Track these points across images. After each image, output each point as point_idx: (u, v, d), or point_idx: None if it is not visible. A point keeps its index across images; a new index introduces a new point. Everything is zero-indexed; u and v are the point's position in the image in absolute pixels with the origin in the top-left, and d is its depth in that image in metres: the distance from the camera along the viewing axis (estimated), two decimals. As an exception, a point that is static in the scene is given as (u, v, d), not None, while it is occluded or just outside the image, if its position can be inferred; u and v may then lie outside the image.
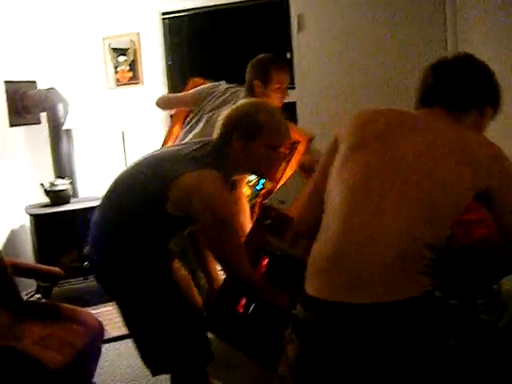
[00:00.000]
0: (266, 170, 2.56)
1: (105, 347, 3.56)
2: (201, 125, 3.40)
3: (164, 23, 5.36)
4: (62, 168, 5.31)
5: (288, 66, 3.54)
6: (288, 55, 4.89)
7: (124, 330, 4.18)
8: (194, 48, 5.38)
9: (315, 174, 2.04)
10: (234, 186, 2.61)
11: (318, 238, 1.81)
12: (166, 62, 5.40)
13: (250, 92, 3.37)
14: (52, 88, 5.27)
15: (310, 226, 1.91)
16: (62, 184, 5.06)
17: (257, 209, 3.22)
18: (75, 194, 5.32)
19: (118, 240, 2.42)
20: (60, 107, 5.26)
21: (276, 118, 2.43)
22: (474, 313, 1.81)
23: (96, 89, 5.41)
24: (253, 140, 2.38)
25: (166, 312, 2.45)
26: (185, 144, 2.61)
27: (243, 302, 2.58)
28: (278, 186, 3.04)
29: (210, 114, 3.39)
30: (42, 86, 5.28)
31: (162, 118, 5.37)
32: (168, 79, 5.42)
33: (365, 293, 1.61)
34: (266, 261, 2.59)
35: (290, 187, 2.73)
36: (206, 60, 5.33)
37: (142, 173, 2.43)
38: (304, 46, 4.92)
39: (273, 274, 2.53)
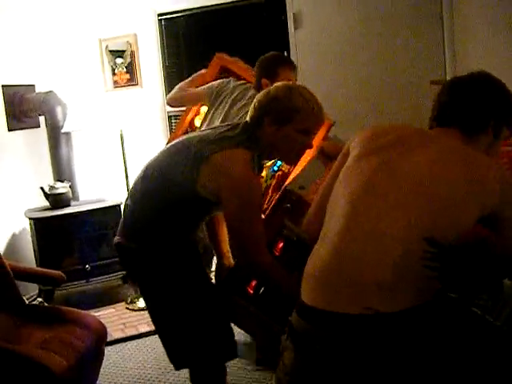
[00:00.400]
0: (295, 156, 2.54)
1: (107, 349, 3.57)
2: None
3: (160, 24, 5.36)
4: (61, 171, 5.30)
5: (294, 63, 3.54)
6: (285, 54, 4.89)
7: (127, 332, 4.26)
8: (191, 48, 5.38)
9: (324, 183, 2.04)
10: (261, 170, 2.58)
11: (316, 246, 1.81)
12: (164, 64, 5.40)
13: (259, 90, 3.37)
14: (50, 91, 5.26)
15: (317, 231, 1.89)
16: (62, 187, 5.05)
17: (271, 191, 3.22)
18: (75, 197, 5.31)
19: (154, 225, 2.42)
20: (58, 110, 5.25)
21: (311, 102, 2.35)
22: (472, 309, 1.81)
23: (94, 91, 5.42)
24: (285, 125, 2.34)
25: (195, 303, 2.47)
26: (214, 128, 2.58)
27: (253, 283, 2.57)
28: (297, 170, 3.03)
29: (222, 116, 3.42)
30: (40, 89, 5.27)
31: (160, 119, 5.38)
32: (165, 80, 5.42)
33: (359, 303, 1.61)
34: (282, 244, 2.58)
35: (310, 172, 2.73)
36: (203, 60, 5.31)
37: (172, 157, 2.43)
38: (301, 44, 4.93)
39: (287, 258, 2.52)
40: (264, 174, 3.20)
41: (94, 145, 5.51)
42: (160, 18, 5.34)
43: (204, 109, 3.71)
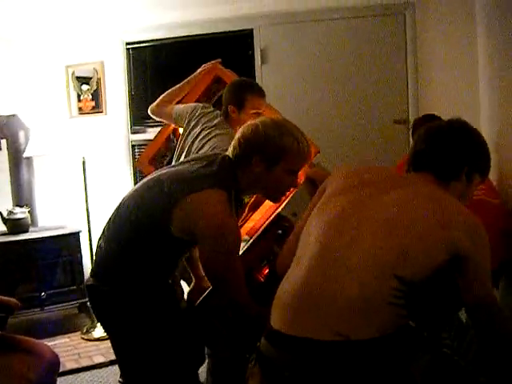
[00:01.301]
0: (279, 193, 2.43)
1: (60, 380, 3.49)
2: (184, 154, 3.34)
3: (128, 53, 5.37)
4: (21, 196, 5.24)
5: (263, 91, 3.41)
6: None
7: (81, 363, 4.17)
8: (157, 78, 5.38)
9: (302, 220, 2.05)
10: (242, 206, 2.52)
11: (287, 274, 1.82)
12: (129, 92, 5.39)
13: (226, 117, 3.32)
14: (13, 115, 5.22)
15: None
16: (21, 212, 4.99)
17: (247, 209, 3.22)
18: (34, 223, 5.24)
19: (128, 266, 2.31)
20: (21, 134, 5.21)
21: (300, 140, 2.30)
22: (440, 347, 1.84)
23: (58, 117, 5.37)
24: (275, 165, 2.27)
25: (164, 353, 2.35)
26: (190, 161, 2.47)
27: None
28: (288, 196, 3.00)
29: (190, 144, 3.32)
30: (3, 112, 5.21)
31: (124, 147, 5.35)
32: (130, 109, 5.41)
33: (330, 330, 1.61)
34: (267, 270, 2.54)
35: (303, 199, 2.73)
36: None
37: (144, 196, 2.33)
38: (267, 78, 4.97)
39: (271, 285, 2.50)
40: None
41: (56, 171, 5.45)
42: (128, 46, 5.34)
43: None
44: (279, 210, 2.92)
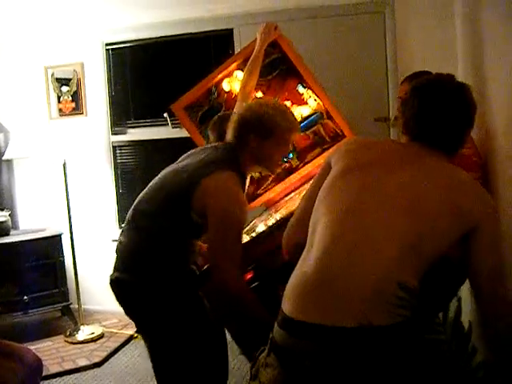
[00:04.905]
0: (276, 165, 2.67)
1: (44, 384, 3.47)
2: None
3: (108, 54, 5.34)
4: (1, 199, 5.22)
5: None
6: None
7: (64, 366, 4.16)
8: (137, 79, 5.36)
9: (305, 194, 2.05)
10: (245, 185, 2.64)
11: (302, 260, 1.79)
12: (109, 93, 5.37)
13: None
14: (-8, 118, 5.19)
15: (297, 246, 1.90)
16: (2, 215, 4.96)
17: (271, 178, 3.26)
18: (15, 226, 5.22)
19: (151, 256, 2.43)
20: (1, 137, 5.18)
21: (288, 115, 2.58)
22: (441, 354, 1.85)
23: (38, 119, 5.34)
24: (269, 138, 2.51)
25: (195, 342, 2.44)
26: (193, 155, 2.62)
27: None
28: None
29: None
30: (-19, 115, 5.18)
31: (104, 149, 5.32)
32: (111, 110, 5.38)
33: (353, 316, 1.59)
34: (250, 276, 2.56)
35: None
36: (148, 91, 5.32)
37: (165, 187, 2.49)
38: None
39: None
40: None
41: (37, 173, 5.42)
42: (107, 47, 5.31)
43: (239, 74, 3.40)
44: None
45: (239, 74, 3.33)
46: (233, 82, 3.41)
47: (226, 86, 3.40)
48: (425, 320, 1.90)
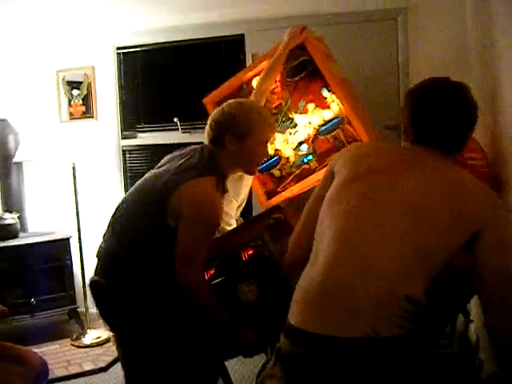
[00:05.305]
0: (255, 165, 2.70)
1: (49, 388, 3.46)
2: None
3: (119, 58, 5.34)
4: (10, 201, 5.22)
5: None
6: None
7: (70, 370, 4.15)
8: (148, 83, 5.36)
9: (310, 202, 2.03)
10: (224, 188, 2.63)
11: (307, 271, 1.78)
12: (120, 97, 5.37)
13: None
14: (3, 119, 5.19)
15: (303, 254, 1.89)
16: (11, 218, 4.96)
17: (290, 178, 3.28)
18: (24, 229, 5.21)
19: (130, 261, 2.44)
20: (11, 139, 5.19)
21: (263, 114, 2.60)
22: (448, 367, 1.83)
23: (49, 122, 5.35)
24: (245, 139, 2.52)
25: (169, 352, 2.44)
26: (170, 161, 2.64)
27: (211, 271, 2.58)
28: (298, 192, 3.18)
29: None
30: (-8, 117, 5.19)
31: (114, 153, 5.32)
32: (121, 114, 5.38)
33: (360, 327, 1.57)
34: (252, 252, 2.58)
35: (305, 197, 2.79)
36: (159, 96, 5.32)
37: (142, 193, 2.52)
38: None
39: (251, 268, 2.53)
40: (292, 160, 3.27)
41: (46, 176, 5.43)
42: (119, 51, 5.32)
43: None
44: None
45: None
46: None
47: (255, 83, 3.42)
48: (432, 332, 1.88)
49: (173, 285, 2.42)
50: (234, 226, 3.45)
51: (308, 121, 3.22)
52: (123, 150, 5.37)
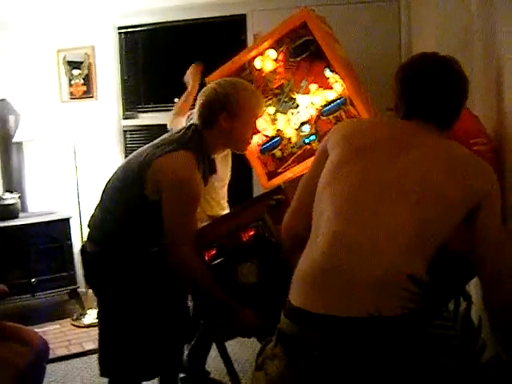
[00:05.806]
0: (246, 143, 2.70)
1: (50, 367, 3.47)
2: None
3: (120, 37, 5.31)
4: (11, 181, 5.21)
5: None
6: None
7: (71, 350, 4.16)
8: (149, 63, 5.33)
9: (303, 182, 2.02)
10: (212, 166, 2.67)
11: (307, 251, 1.76)
12: (121, 77, 5.34)
13: None
14: (3, 99, 5.17)
15: (298, 235, 1.90)
16: (11, 198, 4.95)
17: (292, 159, 3.25)
18: (24, 209, 5.21)
19: (117, 232, 2.53)
20: (11, 119, 5.17)
21: (254, 92, 2.63)
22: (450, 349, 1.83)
23: (49, 102, 5.32)
24: (239, 117, 2.54)
25: (146, 319, 2.53)
26: (165, 135, 2.69)
27: (212, 252, 2.58)
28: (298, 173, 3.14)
29: None
30: (-7, 97, 5.16)
31: (115, 133, 5.31)
32: (122, 94, 5.36)
33: (362, 307, 1.56)
34: (252, 233, 2.57)
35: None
36: (160, 76, 5.29)
37: (126, 167, 2.56)
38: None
39: (251, 249, 2.53)
40: (294, 140, 3.24)
41: (46, 156, 5.41)
42: (120, 31, 5.28)
43: (271, 53, 3.33)
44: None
45: (271, 53, 3.31)
46: (265, 60, 3.39)
47: (258, 63, 3.39)
48: (433, 311, 1.88)
49: (153, 257, 2.56)
50: (225, 206, 3.58)
51: (310, 101, 3.19)
52: (124, 131, 5.35)
